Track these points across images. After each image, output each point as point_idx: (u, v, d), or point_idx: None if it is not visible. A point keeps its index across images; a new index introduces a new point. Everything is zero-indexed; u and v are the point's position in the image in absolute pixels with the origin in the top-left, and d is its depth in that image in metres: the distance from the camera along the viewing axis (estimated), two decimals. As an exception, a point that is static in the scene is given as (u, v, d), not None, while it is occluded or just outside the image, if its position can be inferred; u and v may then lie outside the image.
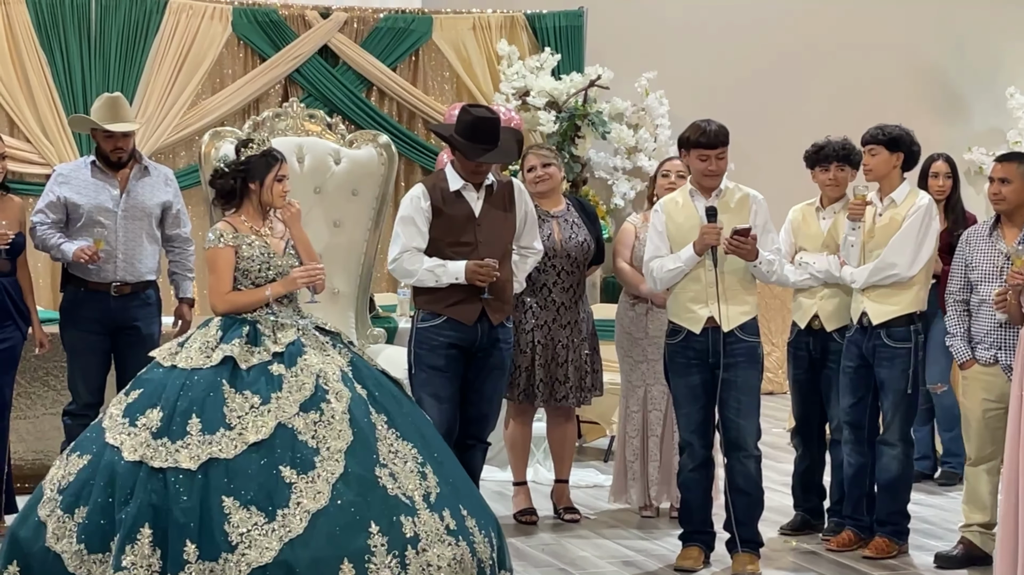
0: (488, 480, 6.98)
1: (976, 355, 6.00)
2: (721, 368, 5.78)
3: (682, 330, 5.86)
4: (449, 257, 5.95)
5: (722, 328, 5.77)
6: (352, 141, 7.23)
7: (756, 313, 5.91)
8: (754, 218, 5.85)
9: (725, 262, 5.77)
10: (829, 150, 6.36)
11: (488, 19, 10.56)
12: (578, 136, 10.34)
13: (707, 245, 5.73)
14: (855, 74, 11.37)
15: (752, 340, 5.84)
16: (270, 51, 10.03)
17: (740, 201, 5.88)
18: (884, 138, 6.13)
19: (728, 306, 5.77)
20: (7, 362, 6.20)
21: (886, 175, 6.16)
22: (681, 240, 5.84)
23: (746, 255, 5.74)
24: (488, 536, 5.02)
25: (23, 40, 9.41)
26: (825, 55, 11.37)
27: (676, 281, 5.87)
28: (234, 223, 5.24)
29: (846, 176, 6.39)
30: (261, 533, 4.62)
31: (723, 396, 5.81)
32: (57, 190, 6.39)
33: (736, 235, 5.70)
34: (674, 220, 5.90)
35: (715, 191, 5.87)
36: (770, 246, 5.86)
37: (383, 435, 4.96)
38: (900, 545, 6.19)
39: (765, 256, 5.79)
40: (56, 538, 4.76)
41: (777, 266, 5.86)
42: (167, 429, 4.80)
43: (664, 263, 5.87)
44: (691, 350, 5.84)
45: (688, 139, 5.86)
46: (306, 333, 5.15)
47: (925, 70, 11.67)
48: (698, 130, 5.83)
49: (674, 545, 6.20)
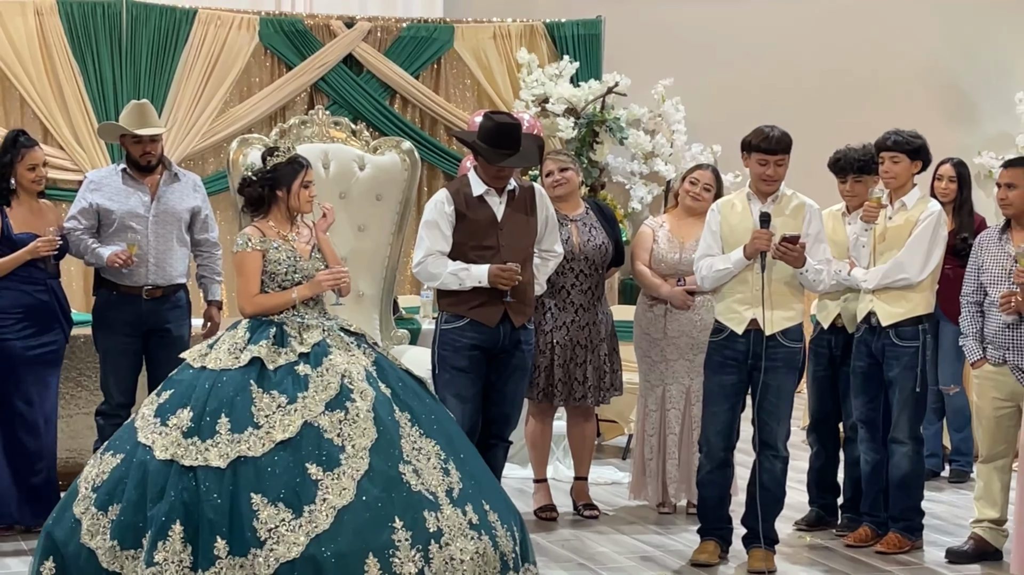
0: (509, 477, 7.01)
1: (987, 355, 6.09)
2: (761, 371, 5.81)
3: (725, 329, 5.90)
4: (472, 260, 6.00)
5: (764, 331, 5.81)
6: (376, 147, 7.24)
7: (801, 319, 5.91)
8: (807, 227, 5.85)
9: (773, 268, 5.79)
10: (845, 162, 6.41)
11: (508, 28, 10.65)
12: (596, 142, 10.41)
13: (757, 250, 5.74)
14: (868, 79, 11.37)
15: (794, 346, 5.87)
16: (296, 60, 10.15)
17: (795, 209, 5.89)
18: (908, 147, 6.17)
19: (773, 311, 5.79)
20: (53, 363, 6.32)
21: (905, 183, 6.24)
22: (733, 241, 5.87)
23: (793, 262, 5.75)
24: (511, 530, 5.06)
25: (56, 50, 9.55)
26: (839, 61, 11.40)
27: (723, 282, 5.90)
28: (262, 228, 5.32)
29: (864, 186, 6.41)
30: (288, 529, 4.69)
31: (761, 397, 5.86)
32: (89, 197, 6.46)
33: (784, 242, 5.71)
34: (728, 221, 5.93)
35: (771, 196, 5.89)
36: (820, 255, 5.87)
37: (407, 432, 5.02)
38: (913, 540, 6.24)
39: (812, 265, 5.79)
40: (90, 535, 4.84)
41: (825, 275, 5.86)
42: (197, 428, 4.88)
43: (714, 263, 5.89)
44: (730, 349, 5.87)
45: (750, 143, 5.88)
46: (331, 334, 5.20)
47: (936, 76, 11.70)
48: (761, 135, 5.85)
49: (691, 541, 6.28)
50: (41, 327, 6.24)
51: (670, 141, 10.71)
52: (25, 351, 6.19)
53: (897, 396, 6.19)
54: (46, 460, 6.30)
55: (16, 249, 6.18)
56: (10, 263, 6.15)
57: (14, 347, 6.17)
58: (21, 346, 6.18)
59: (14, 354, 6.17)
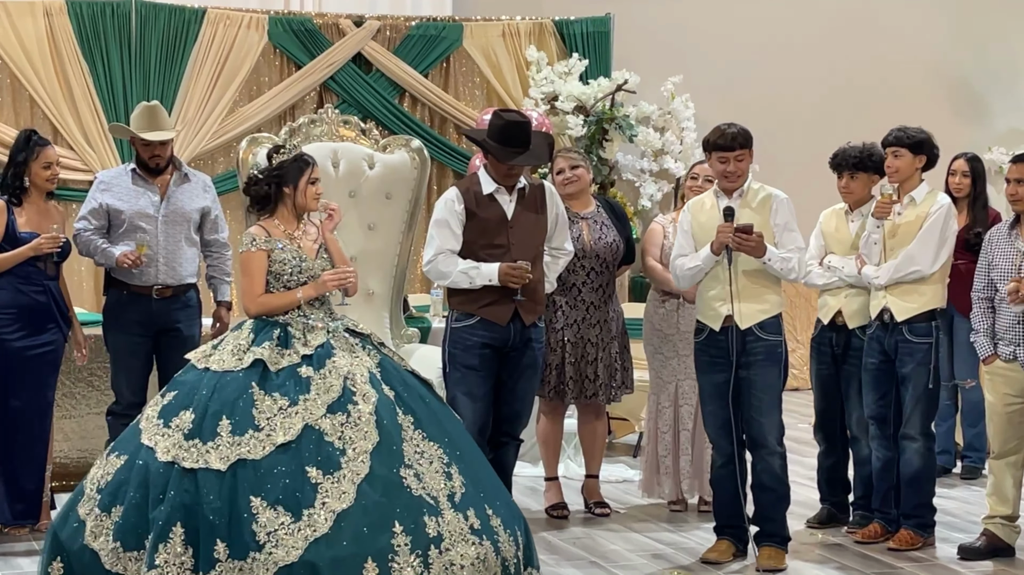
0: (520, 475, 7.04)
1: (998, 351, 6.09)
2: (738, 367, 5.85)
3: (705, 328, 5.95)
4: (482, 259, 6.00)
5: (740, 326, 5.85)
6: (385, 146, 7.26)
7: (778, 311, 5.95)
8: (773, 217, 5.90)
9: (739, 261, 5.84)
10: (842, 159, 6.43)
11: (517, 26, 10.66)
12: (606, 139, 10.41)
13: (722, 244, 5.80)
14: (878, 76, 11.38)
15: (772, 338, 5.89)
16: (305, 59, 10.15)
17: (762, 201, 5.94)
18: (909, 141, 6.22)
19: (744, 304, 5.84)
20: (50, 364, 6.29)
21: (909, 177, 6.27)
22: (703, 239, 5.92)
23: (752, 251, 5.79)
24: (513, 534, 5.04)
25: (66, 50, 9.57)
26: (848, 58, 11.40)
27: (697, 279, 5.96)
28: (268, 227, 5.32)
29: (859, 183, 6.42)
30: (287, 532, 4.67)
31: (742, 394, 5.87)
32: (99, 197, 6.48)
33: (738, 232, 5.77)
34: (698, 220, 5.99)
35: (736, 191, 5.95)
36: (789, 244, 5.90)
37: (409, 436, 5.00)
38: (925, 537, 6.24)
39: (775, 253, 5.82)
40: (94, 536, 4.85)
41: (795, 263, 5.88)
42: (198, 430, 4.87)
43: (685, 262, 5.96)
44: (713, 348, 5.92)
45: (708, 141, 5.95)
46: (336, 335, 5.20)
47: (946, 72, 11.69)
48: (718, 132, 5.92)
49: (702, 538, 6.28)
50: (37, 328, 6.21)
51: (680, 138, 10.71)
52: (20, 351, 6.17)
53: (910, 392, 6.19)
54: (36, 461, 6.26)
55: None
56: (11, 259, 6.14)
57: (9, 346, 6.15)
58: (16, 346, 6.16)
59: (9, 353, 6.15)
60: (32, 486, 6.26)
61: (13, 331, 6.16)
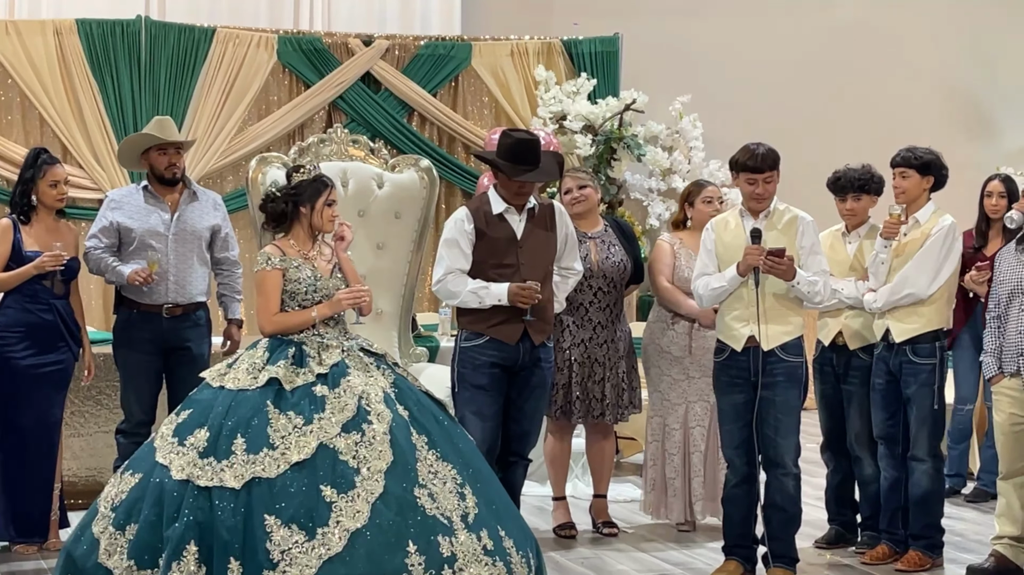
0: (528, 495, 7.02)
1: (1003, 367, 6.07)
2: (761, 387, 5.83)
3: (727, 348, 5.92)
4: (492, 278, 6.00)
5: (762, 347, 5.84)
6: (394, 165, 7.29)
7: (800, 333, 5.92)
8: (800, 239, 5.88)
9: (766, 283, 5.81)
10: (844, 181, 6.43)
11: (526, 45, 10.70)
12: (614, 159, 10.44)
13: (749, 266, 5.77)
14: (888, 95, 11.42)
15: (794, 360, 5.87)
16: (314, 78, 10.21)
17: (788, 223, 5.91)
18: (916, 162, 6.23)
19: (769, 326, 5.81)
20: (59, 383, 6.29)
21: (916, 198, 6.27)
22: (728, 259, 5.90)
23: (782, 275, 5.76)
24: (526, 556, 5.03)
25: (75, 70, 9.63)
26: (857, 76, 11.44)
27: (720, 300, 5.93)
28: (282, 246, 5.34)
29: (863, 205, 6.43)
30: (301, 551, 4.68)
31: (762, 414, 5.85)
32: (110, 215, 6.49)
33: (770, 255, 5.75)
34: (722, 240, 5.96)
35: (763, 212, 5.92)
36: (815, 267, 5.88)
37: (423, 456, 5.01)
38: (934, 558, 6.23)
39: (804, 277, 5.80)
40: (108, 554, 4.86)
41: (821, 287, 5.85)
42: (213, 449, 4.89)
43: (709, 282, 5.93)
44: (734, 368, 5.89)
45: (737, 162, 5.90)
46: (351, 354, 5.21)
47: (955, 91, 11.72)
48: (747, 153, 5.87)
49: (710, 559, 6.28)
50: (45, 346, 6.21)
51: (688, 158, 10.74)
52: (28, 369, 6.17)
53: (915, 414, 6.19)
54: (44, 478, 6.26)
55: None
56: (15, 278, 6.15)
57: (17, 365, 6.16)
58: (24, 364, 6.16)
59: (16, 372, 6.16)
60: (40, 504, 6.26)
61: (21, 350, 6.16)
